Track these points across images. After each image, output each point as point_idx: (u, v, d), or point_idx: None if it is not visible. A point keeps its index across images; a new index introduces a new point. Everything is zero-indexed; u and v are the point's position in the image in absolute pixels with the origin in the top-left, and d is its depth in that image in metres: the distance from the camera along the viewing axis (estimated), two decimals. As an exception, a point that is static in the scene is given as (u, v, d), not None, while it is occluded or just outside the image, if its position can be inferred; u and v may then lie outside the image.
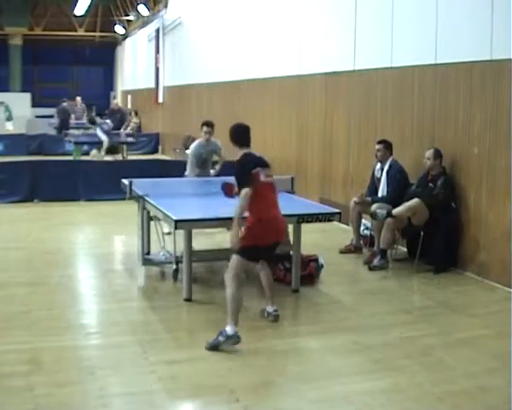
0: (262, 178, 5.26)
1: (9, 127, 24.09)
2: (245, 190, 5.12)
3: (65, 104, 20.20)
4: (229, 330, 4.88)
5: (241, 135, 5.46)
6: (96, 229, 9.62)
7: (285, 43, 11.65)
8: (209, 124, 9.02)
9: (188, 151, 9.32)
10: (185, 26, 18.87)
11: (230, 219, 5.20)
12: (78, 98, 22.37)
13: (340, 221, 6.79)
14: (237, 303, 5.00)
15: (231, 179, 5.53)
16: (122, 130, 18.20)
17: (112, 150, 14.91)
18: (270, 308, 5.55)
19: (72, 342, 5.10)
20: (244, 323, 5.09)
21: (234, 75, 14.33)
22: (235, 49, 14.40)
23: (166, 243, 7.10)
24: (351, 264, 7.65)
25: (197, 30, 17.60)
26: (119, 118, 18.77)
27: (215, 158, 9.31)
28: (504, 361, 4.60)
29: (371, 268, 7.26)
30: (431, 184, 7.25)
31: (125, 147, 16.74)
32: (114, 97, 19.77)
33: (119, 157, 15.08)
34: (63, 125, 18.70)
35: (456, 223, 7.16)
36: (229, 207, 5.39)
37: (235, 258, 5.16)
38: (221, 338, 4.86)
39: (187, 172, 8.95)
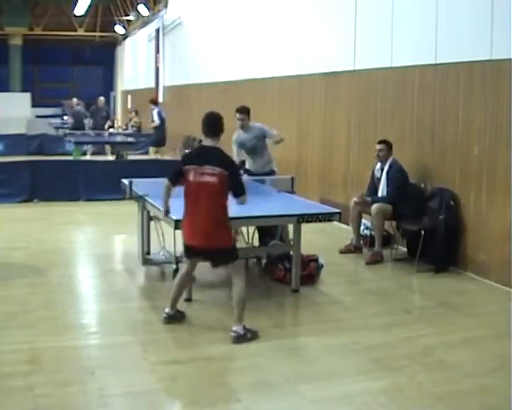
0: (191, 177, 5.13)
1: None
2: (166, 181, 5.46)
3: (79, 107, 20.17)
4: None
5: (203, 124, 5.32)
6: (96, 229, 9.63)
7: (285, 43, 11.65)
8: (240, 110, 8.05)
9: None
10: (185, 26, 18.88)
11: (231, 218, 5.20)
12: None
13: (340, 221, 6.78)
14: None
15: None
16: (106, 126, 18.35)
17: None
18: (233, 327, 5.07)
19: (72, 342, 5.10)
20: (244, 323, 5.07)
21: (234, 75, 14.33)
22: (235, 49, 14.41)
23: (166, 242, 7.10)
24: (351, 264, 7.65)
25: (197, 30, 17.61)
26: (106, 115, 18.80)
27: (268, 141, 8.27)
28: (504, 361, 4.60)
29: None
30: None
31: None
32: (100, 95, 19.87)
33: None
34: (78, 128, 18.71)
35: (456, 223, 7.16)
36: (230, 206, 5.38)
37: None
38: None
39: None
